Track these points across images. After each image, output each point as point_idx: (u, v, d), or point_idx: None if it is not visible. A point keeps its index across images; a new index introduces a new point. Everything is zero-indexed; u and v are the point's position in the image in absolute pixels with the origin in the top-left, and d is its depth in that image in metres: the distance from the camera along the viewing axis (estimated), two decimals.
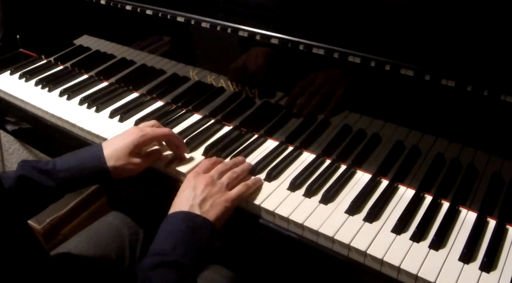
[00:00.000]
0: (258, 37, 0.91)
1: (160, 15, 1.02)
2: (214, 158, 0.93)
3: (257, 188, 0.88)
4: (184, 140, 1.00)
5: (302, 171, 0.92)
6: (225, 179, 0.86)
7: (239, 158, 0.94)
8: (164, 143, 0.97)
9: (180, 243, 0.75)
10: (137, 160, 0.90)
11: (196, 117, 1.11)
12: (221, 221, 0.81)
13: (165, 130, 0.94)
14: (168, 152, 0.97)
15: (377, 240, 0.78)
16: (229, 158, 0.95)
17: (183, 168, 0.93)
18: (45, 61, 1.36)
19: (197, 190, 0.82)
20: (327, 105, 0.91)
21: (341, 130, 0.92)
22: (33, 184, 0.86)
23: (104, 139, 1.03)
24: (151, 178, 0.96)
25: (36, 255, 0.74)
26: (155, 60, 1.13)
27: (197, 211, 0.79)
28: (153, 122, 0.98)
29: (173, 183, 0.94)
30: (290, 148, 0.99)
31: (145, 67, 1.16)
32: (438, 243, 0.77)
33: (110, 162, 0.87)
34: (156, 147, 0.97)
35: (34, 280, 0.71)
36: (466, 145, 0.80)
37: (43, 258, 0.77)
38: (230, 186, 0.85)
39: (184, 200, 0.81)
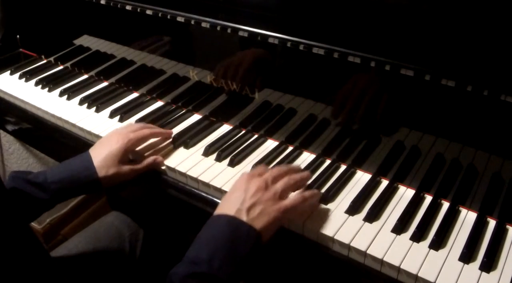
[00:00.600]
0: (258, 37, 0.91)
1: (160, 15, 1.02)
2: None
3: None
4: (184, 140, 1.00)
5: None
6: (280, 185, 0.77)
7: (296, 166, 0.87)
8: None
9: (218, 253, 0.68)
10: (126, 168, 0.90)
11: (196, 117, 1.11)
12: (268, 232, 0.73)
13: (144, 131, 0.95)
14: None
15: (377, 240, 0.78)
16: (228, 159, 0.95)
17: (182, 168, 0.93)
18: (45, 61, 1.36)
19: (248, 193, 0.74)
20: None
21: (341, 130, 0.92)
22: (26, 196, 0.86)
23: None
24: (150, 178, 0.96)
25: (36, 255, 0.74)
26: (155, 60, 1.13)
27: (243, 217, 0.72)
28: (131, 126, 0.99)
29: (173, 184, 0.95)
30: (290, 148, 0.99)
31: (145, 67, 1.16)
32: (438, 243, 0.77)
33: (101, 173, 0.88)
34: (147, 153, 0.97)
35: (34, 280, 0.71)
36: (466, 145, 0.80)
37: (44, 258, 0.77)
38: (284, 193, 0.77)
39: (232, 203, 0.74)
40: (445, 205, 0.85)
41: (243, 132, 1.04)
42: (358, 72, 0.84)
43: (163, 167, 0.95)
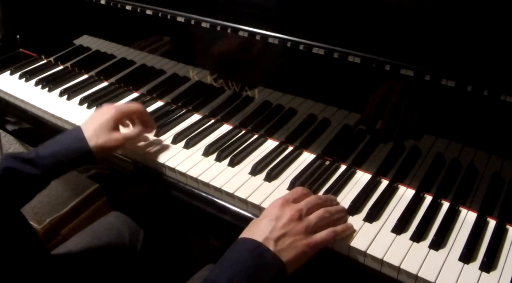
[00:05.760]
0: (258, 37, 0.91)
1: (160, 15, 1.02)
2: (307, 189, 0.82)
3: (256, 189, 0.88)
4: (184, 140, 1.00)
5: (302, 171, 0.92)
6: (314, 218, 0.74)
7: (333, 197, 0.84)
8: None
9: (238, 278, 0.66)
10: (117, 134, 0.91)
11: (196, 117, 1.11)
12: (293, 266, 0.71)
13: (138, 104, 0.97)
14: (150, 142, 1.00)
15: (377, 240, 0.78)
16: (228, 159, 0.95)
17: (182, 168, 0.93)
18: (45, 61, 1.36)
19: (279, 222, 0.72)
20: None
21: (341, 130, 0.92)
22: (19, 175, 0.85)
23: None
24: (150, 178, 0.97)
25: (37, 255, 0.74)
26: (155, 60, 1.13)
27: (270, 246, 0.69)
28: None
29: (173, 184, 0.95)
30: (290, 148, 0.99)
31: (145, 67, 1.16)
32: (438, 243, 0.77)
33: (91, 142, 0.88)
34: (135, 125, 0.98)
35: (35, 279, 0.71)
36: (466, 145, 0.80)
37: (44, 258, 0.77)
38: (317, 227, 0.74)
39: (261, 229, 0.72)
40: (445, 205, 0.85)
41: (243, 132, 1.04)
42: (358, 72, 0.84)
43: (162, 161, 0.95)
